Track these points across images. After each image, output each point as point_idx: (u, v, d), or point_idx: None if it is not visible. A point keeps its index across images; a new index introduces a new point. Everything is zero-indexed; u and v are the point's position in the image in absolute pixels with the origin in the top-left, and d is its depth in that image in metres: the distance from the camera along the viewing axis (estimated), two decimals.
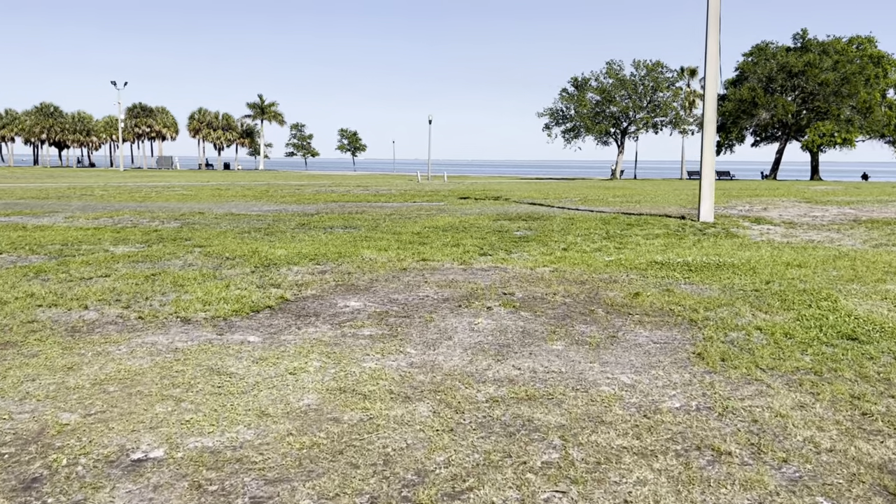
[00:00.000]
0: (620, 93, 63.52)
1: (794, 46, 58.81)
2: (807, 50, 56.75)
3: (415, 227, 14.51)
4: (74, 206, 21.32)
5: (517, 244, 11.81)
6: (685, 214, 17.78)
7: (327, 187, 36.34)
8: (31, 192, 29.58)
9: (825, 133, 58.93)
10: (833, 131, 58.72)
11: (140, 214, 18.09)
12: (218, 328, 6.15)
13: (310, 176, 64.18)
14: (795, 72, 55.38)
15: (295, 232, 13.75)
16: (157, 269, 9.13)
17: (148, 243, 11.99)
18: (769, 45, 59.66)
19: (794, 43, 59.14)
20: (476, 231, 13.80)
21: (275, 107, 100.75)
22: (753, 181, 56.52)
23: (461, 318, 6.58)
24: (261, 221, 16.19)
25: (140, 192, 29.28)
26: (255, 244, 11.66)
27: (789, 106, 55.94)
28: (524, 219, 16.48)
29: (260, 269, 9.20)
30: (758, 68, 57.92)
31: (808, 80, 55.13)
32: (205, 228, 14.40)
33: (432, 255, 10.45)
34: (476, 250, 11.03)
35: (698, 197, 15.91)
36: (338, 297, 7.59)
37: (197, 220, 16.56)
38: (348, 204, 22.90)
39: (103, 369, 4.97)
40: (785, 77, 56.45)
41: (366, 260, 10.10)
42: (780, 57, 57.10)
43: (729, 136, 68.27)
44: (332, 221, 16.07)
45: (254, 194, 28.23)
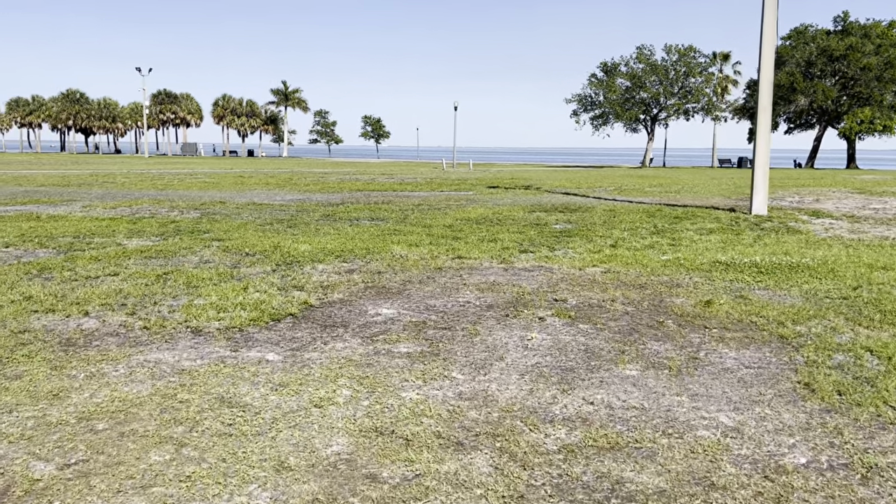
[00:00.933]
0: (651, 78, 61.77)
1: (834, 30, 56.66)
2: (848, 33, 54.57)
3: (446, 220, 13.64)
4: (94, 194, 20.73)
5: (559, 239, 10.89)
6: (734, 206, 16.69)
7: (351, 175, 35.58)
8: (53, 178, 29.15)
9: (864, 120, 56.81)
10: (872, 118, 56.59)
11: (159, 203, 17.42)
12: (232, 342, 5.34)
13: (333, 163, 63.53)
14: (836, 56, 53.24)
15: (319, 224, 12.94)
16: (170, 267, 8.36)
17: (164, 236, 11.25)
18: (808, 29, 57.53)
19: (835, 26, 56.91)
20: (512, 224, 12.89)
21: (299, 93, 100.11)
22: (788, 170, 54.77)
23: (510, 330, 5.71)
24: (283, 212, 15.41)
25: (162, 180, 28.72)
26: (277, 238, 10.87)
27: (830, 91, 53.84)
28: (561, 210, 15.52)
29: (282, 268, 8.39)
30: (796, 52, 55.81)
31: (850, 65, 52.97)
32: (225, 219, 13.64)
33: (468, 252, 9.57)
34: (515, 246, 10.13)
35: (750, 188, 14.83)
36: (368, 302, 6.75)
37: (217, 210, 15.83)
38: (374, 193, 22.09)
39: (94, 397, 4.17)
40: (825, 61, 54.31)
41: (396, 257, 9.26)
42: (819, 40, 54.98)
43: None
44: (357, 212, 15.26)
45: (277, 182, 27.53)
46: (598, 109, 64.47)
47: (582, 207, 16.13)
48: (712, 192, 22.05)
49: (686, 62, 61.04)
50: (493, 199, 19.39)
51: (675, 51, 61.05)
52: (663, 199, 19.22)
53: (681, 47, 60.94)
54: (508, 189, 23.87)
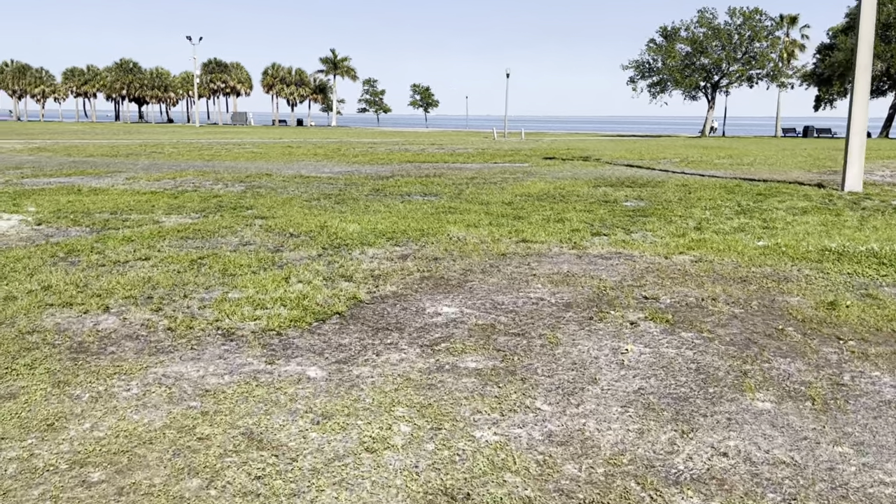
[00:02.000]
0: (713, 43, 58.81)
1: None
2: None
3: (504, 195, 12.63)
4: (140, 165, 20.30)
5: (634, 220, 9.80)
6: (821, 182, 15.25)
7: (400, 145, 34.68)
8: (103, 148, 28.99)
9: None
10: None
11: (204, 175, 16.80)
12: (268, 350, 4.50)
13: (382, 133, 62.73)
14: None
15: (368, 200, 12.08)
16: (206, 250, 7.59)
17: (204, 212, 10.54)
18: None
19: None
20: (577, 201, 11.81)
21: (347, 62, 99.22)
22: None
23: (598, 339, 4.74)
24: (331, 186, 14.60)
25: (210, 150, 28.28)
26: (324, 216, 10.04)
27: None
28: (628, 185, 14.35)
29: (328, 252, 7.55)
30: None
31: None
32: (270, 194, 12.89)
33: (534, 235, 8.58)
34: (586, 228, 9.09)
35: (844, 160, 13.39)
36: (425, 296, 5.85)
37: (263, 183, 15.11)
38: (424, 165, 21.14)
39: (96, 429, 3.37)
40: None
41: (453, 240, 8.33)
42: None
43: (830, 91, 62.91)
44: (408, 186, 14.35)
45: (325, 153, 26.80)
46: (657, 76, 61.87)
47: (651, 182, 14.91)
48: (788, 164, 20.46)
49: (751, 25, 57.84)
50: (552, 171, 18.25)
51: (740, 13, 57.86)
52: (737, 172, 17.80)
53: (745, 10, 57.75)
54: (566, 160, 22.64)
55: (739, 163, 21.21)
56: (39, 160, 22.01)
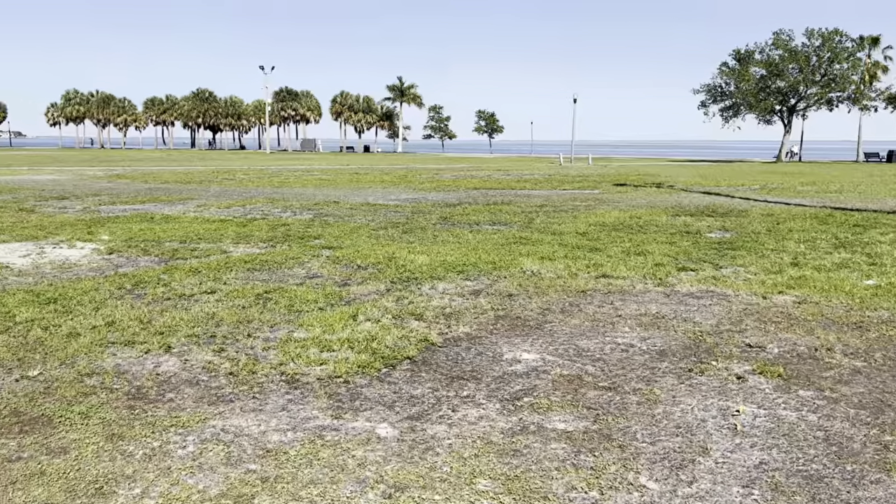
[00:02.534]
0: (790, 66, 56.83)
1: None
2: None
3: (577, 225, 12.10)
4: (211, 191, 20.58)
5: (721, 253, 9.13)
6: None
7: (466, 172, 34.49)
8: (178, 175, 29.73)
9: None
10: None
11: (273, 203, 16.84)
12: (335, 402, 4.12)
13: (447, 159, 62.84)
14: None
15: (436, 229, 11.74)
16: (273, 284, 7.34)
17: (272, 242, 10.38)
18: None
19: None
20: (657, 231, 11.19)
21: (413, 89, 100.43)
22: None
23: (702, 397, 4.19)
24: (398, 213, 14.36)
25: (279, 177, 28.64)
26: (392, 246, 9.73)
27: None
28: (709, 214, 13.60)
29: (397, 287, 7.19)
30: None
31: None
32: (337, 223, 12.71)
33: (614, 269, 8.04)
34: (670, 262, 8.49)
35: None
36: (501, 339, 5.41)
37: (330, 210, 14.99)
38: (491, 192, 20.78)
39: (146, 497, 3.04)
40: None
41: (528, 274, 7.86)
42: None
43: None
44: (476, 215, 13.97)
45: (391, 180, 26.76)
46: (729, 100, 60.16)
47: (733, 210, 14.12)
48: (881, 192, 19.22)
49: (830, 47, 55.70)
50: (625, 199, 17.60)
51: (818, 35, 55.84)
52: (824, 200, 16.78)
53: (824, 31, 55.70)
54: (638, 187, 21.91)
55: (825, 190, 20.06)
56: (117, 187, 22.62)
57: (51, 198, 18.10)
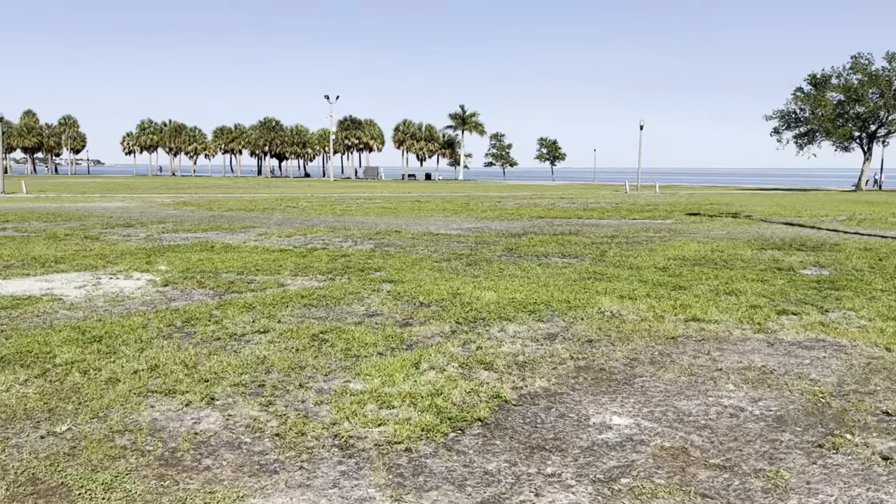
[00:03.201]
0: (870, 90, 54.30)
1: None
2: None
3: (655, 258, 11.26)
4: (274, 220, 20.46)
5: (823, 294, 8.19)
6: None
7: (529, 199, 33.80)
8: (242, 202, 29.99)
9: None
10: None
11: (334, 232, 16.50)
12: (395, 476, 3.50)
13: (509, 187, 62.28)
14: None
15: (502, 262, 11.08)
16: (329, 323, 6.81)
17: (331, 274, 9.91)
18: None
19: None
20: (744, 267, 10.26)
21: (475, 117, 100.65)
22: None
23: (845, 485, 3.40)
24: (461, 244, 13.77)
25: (341, 205, 28.54)
26: (456, 281, 9.12)
27: None
28: (797, 248, 12.55)
29: (462, 328, 6.56)
30: None
31: None
32: (398, 254, 12.19)
33: (704, 312, 7.22)
34: (766, 303, 7.61)
35: None
36: (585, 396, 4.70)
37: (392, 240, 14.52)
38: (557, 220, 20.03)
39: None
40: None
41: (607, 315, 7.13)
42: None
43: None
44: (544, 246, 13.26)
45: (453, 208, 26.28)
46: (804, 126, 57.84)
47: (824, 244, 13.02)
48: None
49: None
50: (701, 230, 16.60)
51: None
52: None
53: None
54: (713, 217, 20.80)
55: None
56: (182, 214, 22.79)
57: (117, 225, 18.22)
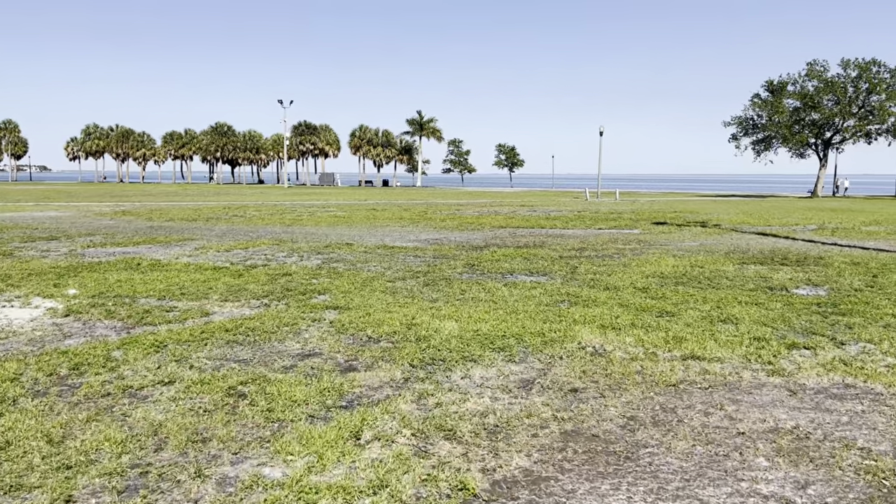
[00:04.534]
0: (826, 97, 54.69)
1: None
2: None
3: (631, 276, 10.21)
4: (216, 231, 18.95)
5: (829, 320, 7.19)
6: None
7: (489, 207, 32.75)
8: (186, 212, 28.26)
9: None
10: None
11: (280, 245, 15.12)
12: None
13: (468, 193, 61.29)
14: None
15: (464, 281, 9.89)
16: (253, 369, 5.53)
17: (268, 298, 8.61)
18: None
19: None
20: (731, 287, 9.25)
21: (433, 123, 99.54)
22: None
23: None
24: (418, 259, 12.56)
25: (292, 214, 27.06)
26: (412, 307, 7.90)
27: None
28: (781, 262, 11.65)
29: (418, 374, 5.35)
30: None
31: None
32: (348, 272, 10.92)
33: (702, 346, 6.14)
34: (770, 334, 6.57)
35: None
36: (579, 483, 3.53)
37: (342, 255, 13.23)
38: (520, 230, 18.95)
39: None
40: None
41: (589, 352, 6.00)
42: None
43: None
44: (508, 261, 12.12)
45: (410, 217, 25.05)
46: (762, 133, 58.08)
47: (808, 258, 12.14)
48: None
49: (868, 77, 53.61)
50: (672, 241, 15.67)
51: (855, 65, 53.82)
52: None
53: (860, 61, 53.66)
54: (682, 227, 19.97)
55: (893, 231, 18.00)
56: (117, 225, 21.09)
57: (39, 238, 16.53)
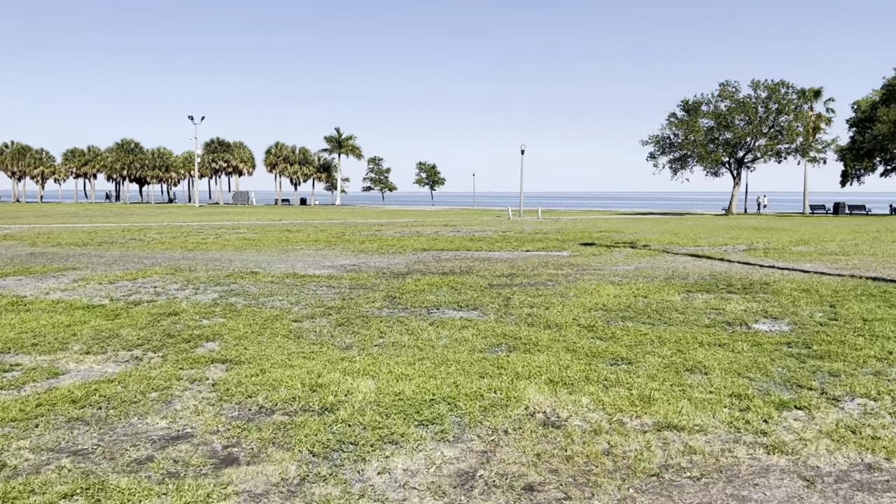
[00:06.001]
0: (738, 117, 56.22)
1: None
2: None
3: (572, 309, 9.07)
4: (107, 257, 16.88)
5: (809, 366, 6.19)
6: None
7: (410, 227, 31.45)
8: (79, 235, 25.72)
9: None
10: None
11: (175, 274, 13.34)
12: None
13: (389, 212, 59.91)
14: None
15: (384, 320, 8.52)
16: (88, 468, 4.00)
17: (143, 348, 7.01)
18: None
19: None
20: (684, 322, 8.22)
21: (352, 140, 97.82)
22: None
23: None
24: (332, 290, 11.11)
25: (198, 236, 25.00)
26: (318, 359, 6.48)
27: None
28: (727, 289, 10.79)
29: (319, 469, 3.96)
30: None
31: None
32: (247, 309, 9.36)
33: (675, 409, 4.98)
34: (754, 391, 5.48)
35: None
36: None
37: (244, 286, 11.62)
38: (444, 254, 17.71)
39: None
40: None
41: (540, 421, 4.76)
42: None
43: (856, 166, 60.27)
44: (434, 292, 10.83)
45: (326, 238, 23.45)
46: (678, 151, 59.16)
47: (753, 284, 11.35)
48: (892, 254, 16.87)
49: (777, 98, 55.44)
50: (605, 265, 14.75)
51: (764, 87, 55.56)
52: (839, 265, 14.28)
53: (770, 82, 55.46)
54: (612, 248, 19.19)
55: (825, 251, 17.68)
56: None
57: None
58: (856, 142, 55.39)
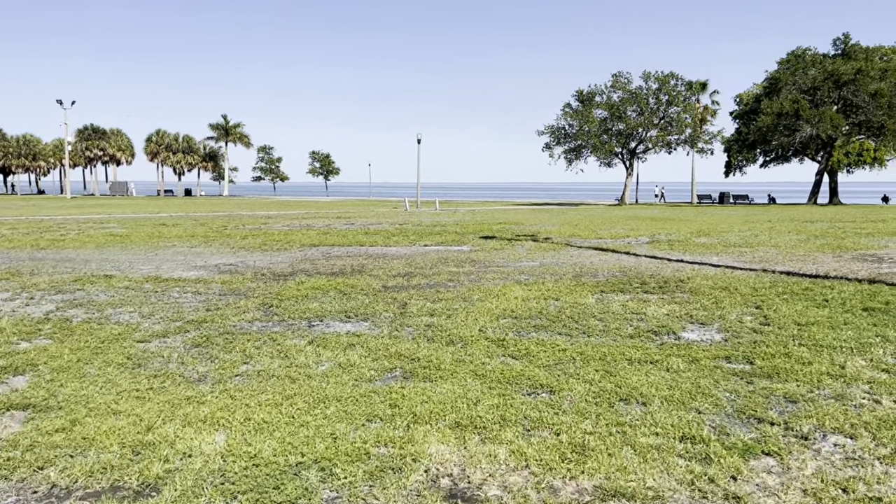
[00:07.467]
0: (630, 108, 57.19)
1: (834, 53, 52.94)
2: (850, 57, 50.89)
3: (476, 317, 7.87)
4: None
5: (760, 391, 5.21)
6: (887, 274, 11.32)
7: (301, 220, 29.58)
8: None
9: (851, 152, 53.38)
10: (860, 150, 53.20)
11: (10, 279, 11.23)
12: None
13: (279, 203, 57.26)
14: (845, 81, 49.12)
15: (252, 336, 7.01)
16: None
17: None
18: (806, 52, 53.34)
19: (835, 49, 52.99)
20: (605, 332, 7.16)
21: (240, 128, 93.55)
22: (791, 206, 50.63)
23: None
24: (198, 297, 9.45)
25: (56, 231, 22.27)
26: (157, 399, 4.95)
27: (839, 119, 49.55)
28: (639, 287, 9.91)
29: None
30: (797, 77, 51.65)
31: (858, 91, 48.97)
32: (84, 325, 7.61)
33: (621, 468, 3.84)
34: (707, 430, 4.43)
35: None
36: None
37: (91, 294, 9.77)
38: (335, 250, 16.22)
39: None
40: (831, 87, 50.18)
41: (445, 491, 3.50)
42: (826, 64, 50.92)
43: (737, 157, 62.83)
44: (319, 298, 9.39)
45: (205, 233, 21.36)
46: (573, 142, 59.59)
47: (667, 281, 10.54)
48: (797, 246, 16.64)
49: (667, 90, 56.75)
50: (509, 261, 13.71)
51: (655, 78, 56.74)
52: (748, 260, 13.83)
53: (660, 74, 56.68)
54: (513, 241, 18.23)
55: (728, 243, 17.39)
56: None
57: None
58: (741, 133, 57.58)
